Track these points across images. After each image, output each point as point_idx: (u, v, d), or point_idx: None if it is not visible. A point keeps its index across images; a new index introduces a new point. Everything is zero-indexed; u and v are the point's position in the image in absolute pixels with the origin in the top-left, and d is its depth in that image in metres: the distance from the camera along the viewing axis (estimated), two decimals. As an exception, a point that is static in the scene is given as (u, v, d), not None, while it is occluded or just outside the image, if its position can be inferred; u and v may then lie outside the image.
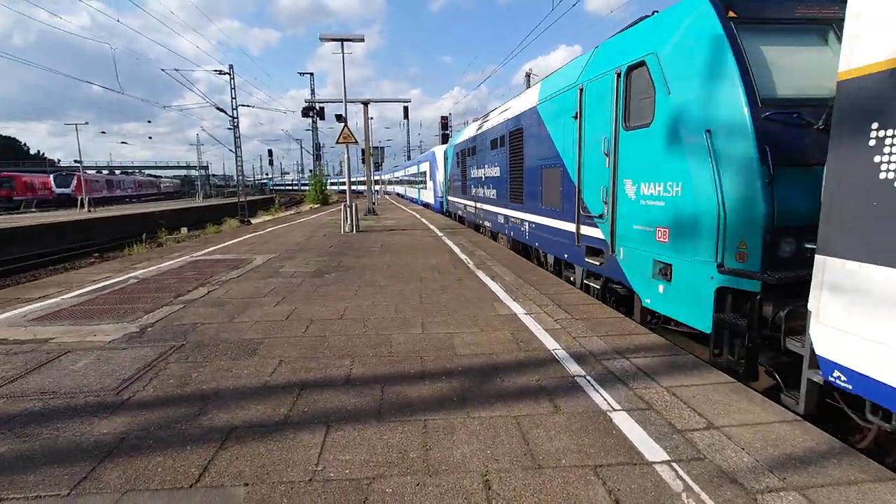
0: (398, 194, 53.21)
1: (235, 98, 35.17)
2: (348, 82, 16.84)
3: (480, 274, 8.42)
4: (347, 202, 16.52)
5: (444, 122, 44.58)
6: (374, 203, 26.34)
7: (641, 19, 6.06)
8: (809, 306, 3.29)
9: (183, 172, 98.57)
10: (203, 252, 11.69)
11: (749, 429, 3.13)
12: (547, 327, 5.32)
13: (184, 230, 27.05)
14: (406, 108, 45.40)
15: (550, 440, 3.04)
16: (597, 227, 6.67)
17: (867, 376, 2.89)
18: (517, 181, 10.59)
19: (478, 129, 15.10)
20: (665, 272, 5.15)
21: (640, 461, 2.80)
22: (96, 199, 44.83)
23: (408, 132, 67.19)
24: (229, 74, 34.08)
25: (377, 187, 52.39)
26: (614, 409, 3.42)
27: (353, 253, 11.22)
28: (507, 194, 11.56)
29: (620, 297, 6.65)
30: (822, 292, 3.18)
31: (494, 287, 7.35)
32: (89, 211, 32.60)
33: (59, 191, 49.58)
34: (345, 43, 17.10)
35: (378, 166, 47.24)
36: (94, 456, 2.86)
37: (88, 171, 52.35)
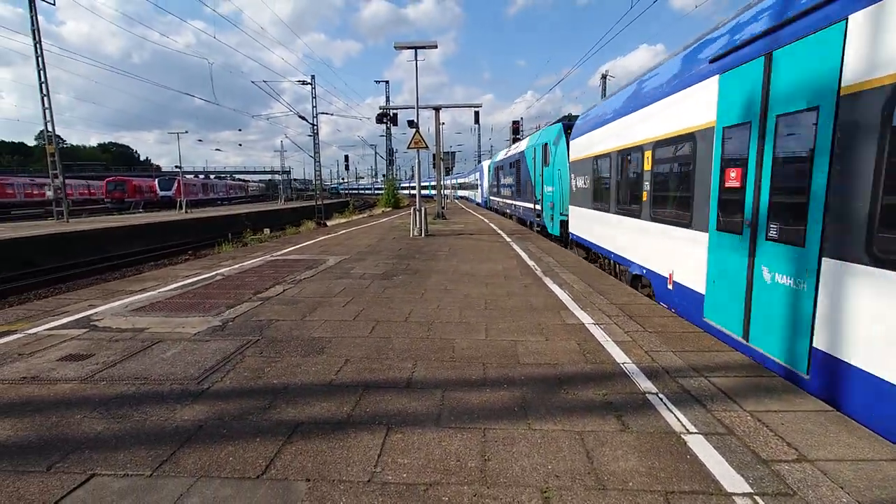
0: (461, 197, 61.78)
1: (316, 107, 37.11)
2: (423, 89, 17.39)
3: (548, 281, 8.22)
4: (417, 206, 16.81)
5: (516, 127, 44.05)
6: (443, 207, 26.61)
7: (554, 122, 16.40)
8: (570, 218, 13.30)
9: (268, 177, 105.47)
10: (281, 252, 12.37)
11: (849, 465, 2.78)
12: (616, 339, 5.07)
13: (266, 231, 28.85)
14: (477, 114, 45.03)
15: (616, 460, 2.87)
16: (538, 205, 17.30)
17: (575, 234, 12.69)
18: (518, 186, 22.59)
19: (503, 156, 28.63)
20: (552, 218, 15.36)
21: (717, 491, 2.57)
22: (192, 201, 49.06)
23: (478, 137, 67.48)
24: (311, 85, 36.00)
25: (447, 192, 53.54)
26: (689, 432, 3.17)
27: (421, 256, 11.39)
28: (515, 193, 23.86)
29: (548, 234, 16.07)
30: (570, 214, 13.22)
31: (562, 295, 7.14)
32: (186, 212, 35.69)
33: (162, 193, 54.84)
34: (418, 50, 17.47)
35: (449, 171, 48.97)
36: (175, 441, 3.08)
37: (187, 176, 57.40)
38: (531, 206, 18.92)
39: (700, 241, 5.73)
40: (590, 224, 11.07)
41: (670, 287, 6.53)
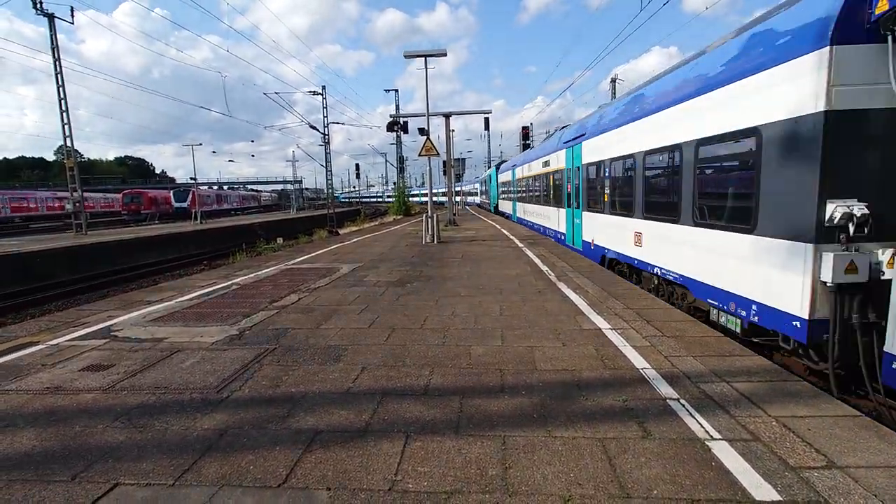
0: (466, 203, 74.29)
1: (327, 116, 37.48)
2: (436, 96, 17.56)
3: (562, 286, 8.16)
4: (429, 213, 16.84)
5: (525, 133, 44.30)
6: (454, 214, 26.64)
7: (494, 165, 46.95)
8: (500, 204, 38.07)
9: (280, 187, 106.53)
10: (295, 261, 12.46)
11: (882, 472, 2.70)
12: (634, 344, 5.01)
13: (279, 240, 29.06)
14: (487, 120, 45.80)
15: (640, 467, 2.82)
16: (490, 200, 44.54)
17: (500, 210, 38.09)
18: (485, 193, 50.72)
19: (481, 177, 61.10)
20: (492, 206, 42.49)
21: (745, 499, 2.51)
22: (206, 211, 49.60)
23: (488, 143, 67.51)
24: (322, 95, 36.39)
25: (458, 198, 55.06)
26: (713, 438, 3.11)
27: (434, 263, 11.39)
28: (484, 196, 52.43)
29: (490, 212, 42.72)
30: (499, 203, 38.71)
31: (577, 300, 7.08)
32: (201, 223, 36.15)
33: (177, 205, 55.57)
34: (428, 58, 17.56)
35: (459, 178, 51.37)
36: (196, 449, 3.10)
37: (201, 187, 58.22)
38: (488, 201, 43.56)
39: (508, 202, 31.39)
40: (503, 204, 34.41)
41: (514, 217, 28.13)
